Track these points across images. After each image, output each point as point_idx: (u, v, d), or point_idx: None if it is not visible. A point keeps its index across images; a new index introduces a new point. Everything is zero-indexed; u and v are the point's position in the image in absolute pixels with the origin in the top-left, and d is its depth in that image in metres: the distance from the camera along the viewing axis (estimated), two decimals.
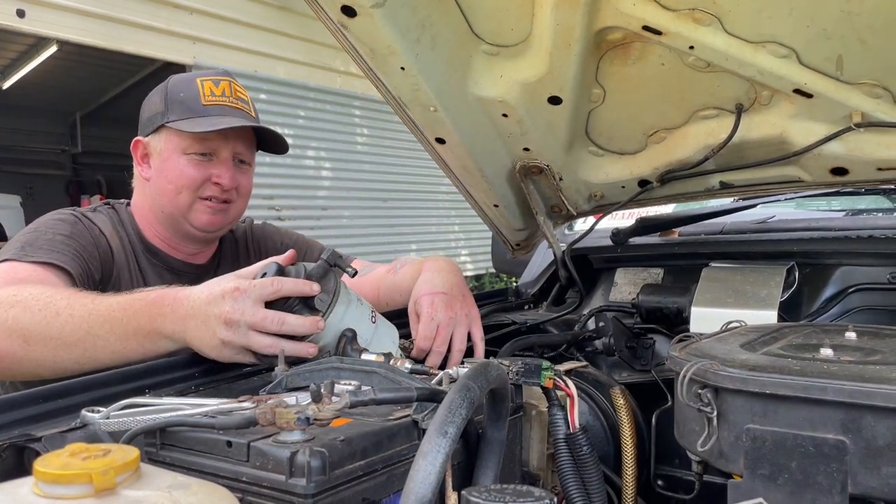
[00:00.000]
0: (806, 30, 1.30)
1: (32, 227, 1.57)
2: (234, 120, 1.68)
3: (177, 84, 1.73)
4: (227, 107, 1.71)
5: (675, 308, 1.62)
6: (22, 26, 5.85)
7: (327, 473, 0.74)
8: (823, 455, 0.81)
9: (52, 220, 1.61)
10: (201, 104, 1.68)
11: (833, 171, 1.59)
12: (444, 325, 1.44)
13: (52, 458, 0.64)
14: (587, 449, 1.10)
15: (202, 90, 1.70)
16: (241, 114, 1.72)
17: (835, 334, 1.12)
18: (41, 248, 1.47)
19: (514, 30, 1.43)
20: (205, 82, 1.71)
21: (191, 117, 1.66)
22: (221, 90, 1.72)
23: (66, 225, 1.58)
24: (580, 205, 1.92)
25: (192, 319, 1.19)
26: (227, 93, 1.73)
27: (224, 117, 1.68)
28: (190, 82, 1.72)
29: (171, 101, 1.69)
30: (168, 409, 0.90)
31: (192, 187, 1.68)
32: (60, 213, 1.64)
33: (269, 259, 1.30)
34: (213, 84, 1.72)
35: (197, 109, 1.68)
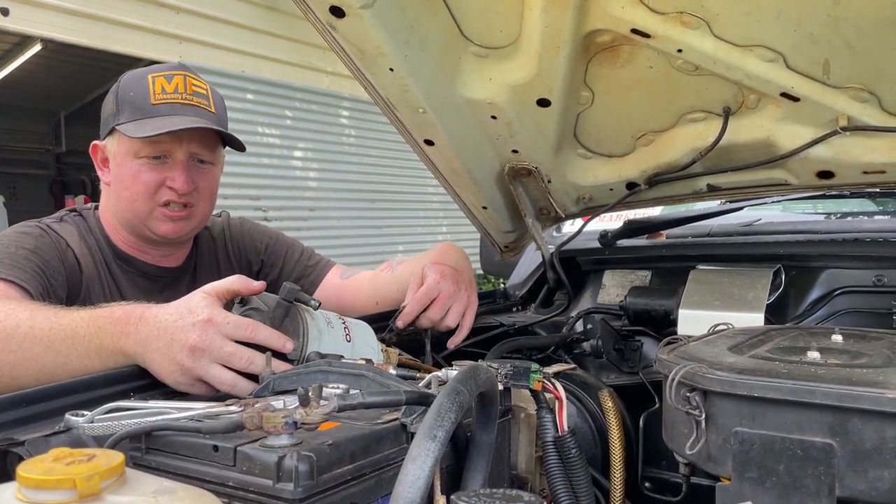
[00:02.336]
0: (793, 34, 1.30)
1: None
2: (181, 120, 1.57)
3: (128, 82, 1.63)
4: (179, 104, 1.60)
5: (663, 310, 1.62)
6: (6, 24, 5.79)
7: (315, 478, 0.74)
8: (811, 458, 0.81)
9: (15, 233, 1.55)
10: (150, 103, 1.58)
11: (819, 175, 1.60)
12: (446, 296, 1.48)
13: (36, 463, 0.63)
14: (575, 451, 1.10)
15: (152, 88, 1.59)
16: (195, 111, 1.61)
17: (821, 337, 1.12)
18: (1, 263, 1.41)
19: (503, 32, 1.43)
20: (156, 79, 1.60)
21: (139, 118, 1.57)
22: (174, 86, 1.61)
23: (31, 238, 1.52)
24: (568, 207, 1.92)
25: (155, 341, 1.10)
26: (181, 88, 1.62)
27: (174, 117, 1.57)
28: (140, 80, 1.61)
29: (121, 101, 1.61)
30: (154, 413, 0.89)
31: (147, 193, 1.59)
32: (25, 226, 1.58)
33: (233, 280, 1.19)
34: (166, 80, 1.61)
35: (146, 109, 1.58)
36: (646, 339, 1.68)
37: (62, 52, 7.31)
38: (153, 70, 1.64)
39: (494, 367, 1.07)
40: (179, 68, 1.67)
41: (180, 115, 1.58)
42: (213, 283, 1.18)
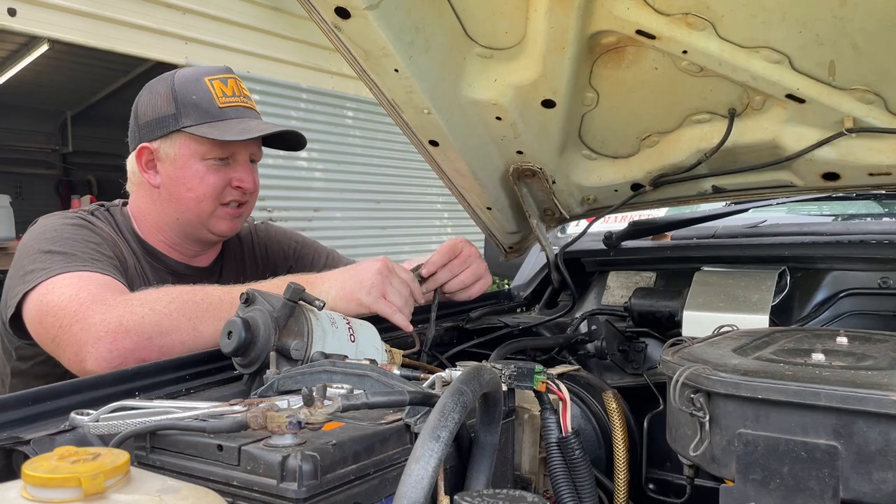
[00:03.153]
0: (798, 35, 1.30)
1: (51, 236, 1.52)
2: (258, 124, 1.64)
3: (185, 85, 1.64)
4: (242, 107, 1.66)
5: (668, 312, 1.62)
6: (13, 25, 5.81)
7: (319, 477, 0.74)
8: (815, 460, 0.81)
9: (68, 226, 1.56)
10: (217, 106, 1.62)
11: (825, 176, 1.60)
12: (467, 255, 1.63)
13: (41, 461, 0.63)
14: (579, 453, 1.10)
15: (214, 91, 1.63)
16: (252, 113, 1.69)
17: (826, 339, 1.12)
18: (81, 258, 1.46)
19: (508, 33, 1.43)
20: (214, 82, 1.65)
21: (210, 121, 1.61)
22: (231, 90, 1.66)
23: (88, 232, 1.56)
24: (573, 208, 1.92)
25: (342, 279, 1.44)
26: (237, 91, 1.68)
27: (244, 120, 1.64)
28: (198, 83, 1.64)
29: (182, 103, 1.62)
30: (158, 413, 0.89)
31: (214, 194, 1.64)
32: (71, 220, 1.59)
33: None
34: (223, 83, 1.66)
35: (214, 112, 1.62)
36: (650, 340, 1.68)
37: (69, 52, 7.35)
38: (203, 73, 1.67)
39: (498, 367, 1.06)
40: (226, 71, 1.71)
41: (245, 119, 1.65)
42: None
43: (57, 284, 1.39)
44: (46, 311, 1.37)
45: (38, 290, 1.40)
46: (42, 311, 1.38)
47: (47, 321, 1.37)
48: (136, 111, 1.69)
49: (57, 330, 1.34)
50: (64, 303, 1.35)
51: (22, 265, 1.47)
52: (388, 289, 1.45)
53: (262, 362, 1.13)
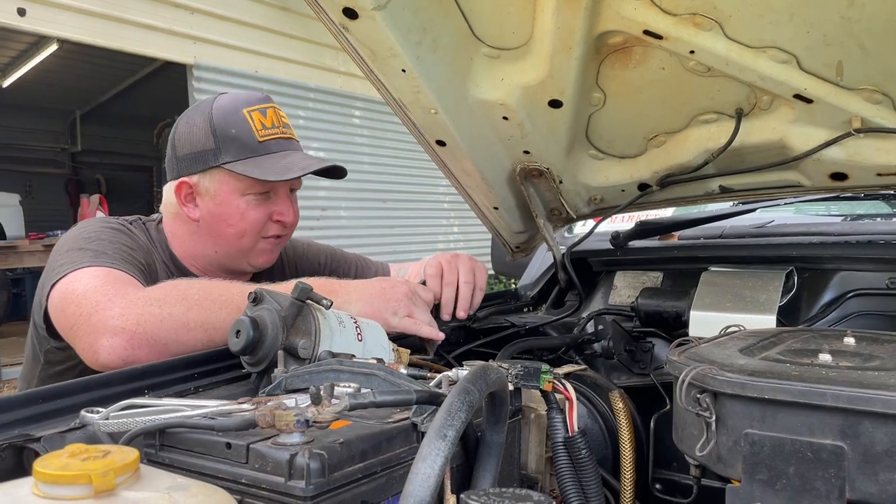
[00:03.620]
0: (806, 35, 1.30)
1: (87, 235, 1.53)
2: (301, 159, 1.62)
3: (224, 118, 1.60)
4: (282, 139, 1.63)
5: (674, 312, 1.62)
6: (22, 25, 5.85)
7: (326, 476, 0.74)
8: (821, 460, 0.81)
9: (107, 229, 1.57)
10: (257, 141, 1.59)
11: (832, 177, 1.59)
12: (448, 261, 1.67)
13: (52, 458, 0.64)
14: (585, 452, 1.10)
15: (253, 124, 1.60)
16: (293, 144, 1.66)
17: (833, 339, 1.12)
18: (111, 256, 1.47)
19: (515, 33, 1.44)
20: (253, 113, 1.61)
21: (249, 157, 1.59)
22: (271, 121, 1.63)
23: (124, 237, 1.57)
24: (580, 208, 1.92)
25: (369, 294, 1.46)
26: (276, 122, 1.64)
27: (285, 154, 1.62)
28: (237, 115, 1.60)
29: (222, 138, 1.59)
30: (167, 411, 0.90)
31: (256, 230, 1.64)
32: (111, 224, 1.61)
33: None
34: (262, 115, 1.62)
35: (255, 147, 1.59)
36: (657, 340, 1.68)
37: (78, 52, 7.38)
38: (241, 103, 1.63)
39: (505, 367, 1.07)
40: (265, 100, 1.67)
41: (286, 151, 1.63)
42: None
43: (82, 275, 1.40)
44: (69, 300, 1.37)
45: (64, 279, 1.41)
46: (65, 299, 1.39)
47: (69, 310, 1.37)
48: (173, 142, 1.67)
49: (76, 318, 1.34)
50: (87, 292, 1.35)
51: (55, 262, 1.48)
52: (414, 309, 1.48)
53: (270, 361, 1.14)
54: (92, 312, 1.32)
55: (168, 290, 1.38)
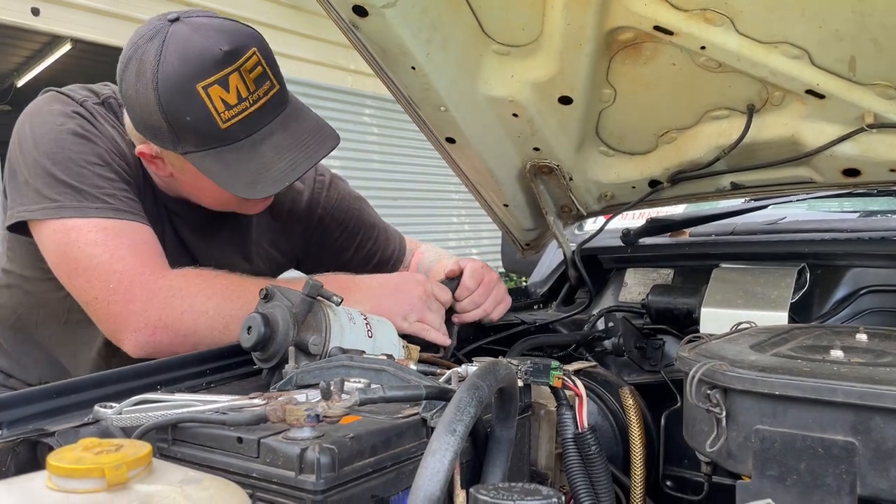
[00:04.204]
0: (818, 30, 1.29)
1: (51, 149, 1.37)
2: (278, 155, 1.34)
3: (175, 100, 1.28)
4: (254, 113, 1.33)
5: (685, 309, 1.61)
6: (36, 24, 5.90)
7: (336, 470, 0.75)
8: (832, 456, 0.81)
9: (70, 138, 1.38)
10: (220, 128, 1.30)
11: (845, 173, 1.58)
12: (488, 283, 1.60)
13: (66, 452, 0.64)
14: (595, 449, 1.10)
15: (213, 106, 1.28)
16: (270, 109, 1.35)
17: (846, 336, 1.11)
18: (103, 197, 1.35)
19: (524, 30, 1.44)
20: (210, 90, 1.27)
21: (213, 147, 1.32)
22: (234, 93, 1.29)
23: (92, 145, 1.39)
24: (590, 205, 1.92)
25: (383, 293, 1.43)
26: (243, 91, 1.30)
27: (258, 142, 1.34)
28: (190, 94, 1.27)
29: (176, 125, 1.30)
30: (180, 406, 0.90)
31: (234, 202, 1.48)
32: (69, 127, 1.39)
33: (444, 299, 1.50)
34: (223, 88, 1.28)
35: (217, 135, 1.31)
36: (668, 337, 1.67)
37: (91, 51, 7.42)
38: (194, 71, 1.27)
39: (514, 363, 1.07)
40: (225, 60, 1.28)
41: (261, 133, 1.34)
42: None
43: (81, 234, 1.32)
44: (76, 269, 1.34)
45: (52, 227, 1.34)
46: (69, 264, 1.34)
47: (77, 282, 1.34)
48: (118, 82, 1.38)
49: (91, 299, 1.34)
50: (98, 269, 1.31)
51: (24, 175, 1.38)
52: (426, 314, 1.44)
53: (281, 357, 1.15)
54: (110, 301, 1.31)
55: (190, 278, 1.35)
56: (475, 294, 1.58)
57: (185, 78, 1.27)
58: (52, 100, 1.46)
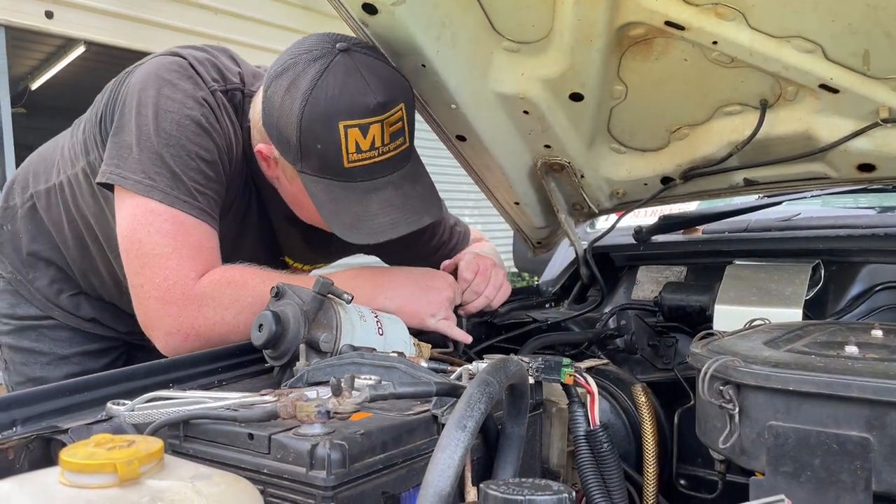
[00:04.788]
0: (832, 24, 1.28)
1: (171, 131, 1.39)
2: (381, 209, 1.38)
3: (315, 126, 1.33)
4: (373, 164, 1.36)
5: (699, 306, 1.60)
6: (50, 27, 5.95)
7: (347, 466, 0.75)
8: (847, 452, 0.80)
9: (192, 126, 1.41)
10: (342, 166, 1.35)
11: (860, 168, 1.57)
12: (485, 270, 1.61)
13: (78, 448, 0.65)
14: (607, 446, 1.09)
15: (346, 146, 1.33)
16: (385, 168, 1.39)
17: (860, 332, 1.10)
18: (195, 193, 1.39)
19: (535, 26, 1.43)
20: (350, 131, 1.32)
21: (330, 178, 1.37)
22: (370, 141, 1.34)
23: (208, 140, 1.43)
24: (602, 202, 1.91)
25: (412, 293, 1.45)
26: (377, 142, 1.35)
27: (368, 189, 1.38)
28: (330, 128, 1.32)
29: (305, 145, 1.35)
30: (191, 402, 0.91)
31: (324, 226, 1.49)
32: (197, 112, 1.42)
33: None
34: (361, 134, 1.33)
35: (337, 170, 1.36)
36: (681, 335, 1.66)
37: (105, 53, 7.46)
38: (342, 111, 1.32)
39: (526, 360, 1.07)
40: (374, 111, 1.33)
41: (373, 182, 1.38)
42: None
43: (157, 219, 1.36)
44: (138, 250, 1.37)
45: (136, 201, 1.37)
46: (133, 243, 1.38)
47: (133, 263, 1.38)
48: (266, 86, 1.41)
49: (137, 284, 1.37)
50: (156, 260, 1.35)
51: (131, 140, 1.40)
52: (451, 312, 1.49)
53: (293, 355, 1.15)
54: (152, 294, 1.35)
55: (222, 288, 1.36)
56: (474, 283, 1.59)
57: (333, 112, 1.32)
58: (184, 75, 1.46)
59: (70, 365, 1.80)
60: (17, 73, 8.23)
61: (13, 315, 1.80)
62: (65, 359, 1.79)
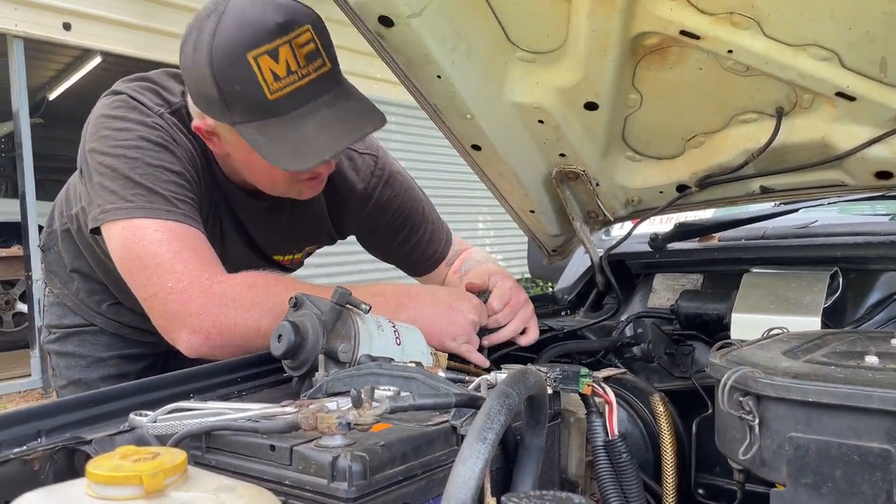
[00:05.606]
0: (848, 32, 1.27)
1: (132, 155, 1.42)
2: (321, 128, 1.36)
3: (227, 67, 1.31)
4: (301, 88, 1.34)
5: (716, 314, 1.60)
6: (68, 39, 6.03)
7: (368, 478, 0.75)
8: (868, 464, 0.79)
9: (148, 144, 1.44)
10: (267, 99, 1.32)
11: (878, 175, 1.56)
12: (514, 305, 1.56)
13: (104, 460, 0.66)
14: (626, 456, 1.09)
15: (262, 76, 1.30)
16: (316, 88, 1.36)
17: (880, 341, 1.10)
18: (174, 201, 1.41)
19: (549, 36, 1.44)
20: (261, 59, 1.30)
21: (260, 118, 1.34)
22: (284, 65, 1.31)
23: (168, 154, 1.45)
24: (617, 210, 1.91)
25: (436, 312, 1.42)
26: (292, 65, 1.32)
27: (303, 116, 1.35)
28: (241, 62, 1.30)
29: (226, 93, 1.33)
30: (213, 414, 0.92)
31: (286, 179, 1.50)
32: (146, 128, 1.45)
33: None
34: (272, 59, 1.30)
35: (264, 106, 1.33)
36: (698, 343, 1.66)
37: (121, 64, 7.54)
38: (246, 40, 1.30)
39: (543, 370, 1.07)
40: (277, 32, 1.30)
41: (307, 108, 1.36)
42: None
43: (147, 233, 1.37)
44: (139, 265, 1.38)
45: (121, 227, 1.40)
46: (133, 260, 1.39)
47: (139, 278, 1.39)
48: (180, 56, 1.42)
49: (150, 295, 1.38)
50: (161, 268, 1.36)
51: (101, 174, 1.43)
52: (472, 336, 1.46)
53: (311, 365, 1.16)
54: (167, 301, 1.35)
55: (242, 290, 1.37)
56: (501, 315, 1.56)
57: (238, 46, 1.31)
58: (128, 107, 1.50)
59: (107, 367, 1.86)
60: (34, 83, 8.33)
61: (60, 325, 1.89)
62: (102, 361, 1.86)
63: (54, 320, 1.91)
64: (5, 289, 7.53)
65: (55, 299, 1.91)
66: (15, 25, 5.75)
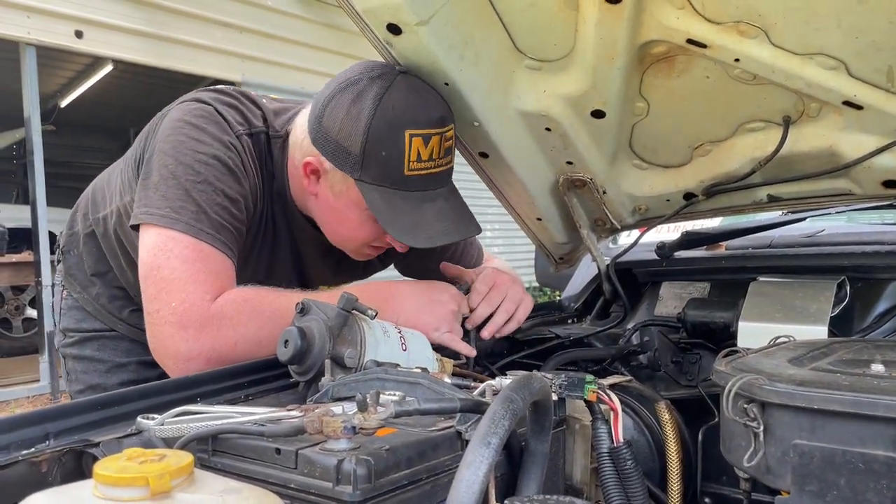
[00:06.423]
0: (855, 41, 1.28)
1: (198, 168, 1.45)
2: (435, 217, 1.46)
3: (383, 133, 1.39)
4: (428, 175, 1.45)
5: (722, 323, 1.59)
6: (80, 46, 6.09)
7: (373, 481, 0.76)
8: (873, 472, 0.79)
9: (217, 164, 1.46)
10: (403, 173, 1.42)
11: (885, 184, 1.56)
12: (500, 285, 1.60)
13: (111, 461, 0.66)
14: (631, 463, 1.09)
15: (408, 153, 1.40)
16: (439, 180, 1.48)
17: (887, 350, 1.09)
18: (218, 226, 1.43)
19: (556, 45, 1.44)
20: (414, 139, 1.40)
21: (388, 186, 1.43)
22: (430, 151, 1.43)
23: (231, 180, 1.48)
24: (624, 218, 1.91)
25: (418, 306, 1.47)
26: (436, 154, 1.44)
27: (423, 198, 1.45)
28: (397, 135, 1.39)
29: (369, 154, 1.40)
30: (219, 417, 0.92)
31: (361, 241, 1.57)
32: (224, 149, 1.48)
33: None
34: (423, 143, 1.41)
35: (396, 178, 1.42)
36: (704, 352, 1.65)
37: (132, 71, 7.62)
38: (409, 119, 1.40)
39: (549, 377, 1.07)
40: (437, 122, 1.43)
41: (427, 193, 1.47)
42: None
43: (177, 246, 1.40)
44: (156, 275, 1.40)
45: (160, 234, 1.42)
46: (152, 268, 1.41)
47: (150, 288, 1.40)
48: (325, 103, 1.47)
49: (153, 309, 1.39)
50: (173, 285, 1.38)
51: (161, 175, 1.45)
52: (455, 325, 1.50)
53: (318, 370, 1.16)
54: (168, 319, 1.36)
55: (239, 305, 1.39)
56: (488, 296, 1.59)
57: (401, 120, 1.40)
58: (210, 120, 1.52)
59: (127, 372, 1.86)
60: (46, 90, 8.41)
61: (79, 329, 1.89)
62: (122, 366, 1.86)
63: (72, 324, 1.90)
64: (15, 294, 7.58)
65: (73, 303, 1.91)
66: (27, 33, 5.82)
